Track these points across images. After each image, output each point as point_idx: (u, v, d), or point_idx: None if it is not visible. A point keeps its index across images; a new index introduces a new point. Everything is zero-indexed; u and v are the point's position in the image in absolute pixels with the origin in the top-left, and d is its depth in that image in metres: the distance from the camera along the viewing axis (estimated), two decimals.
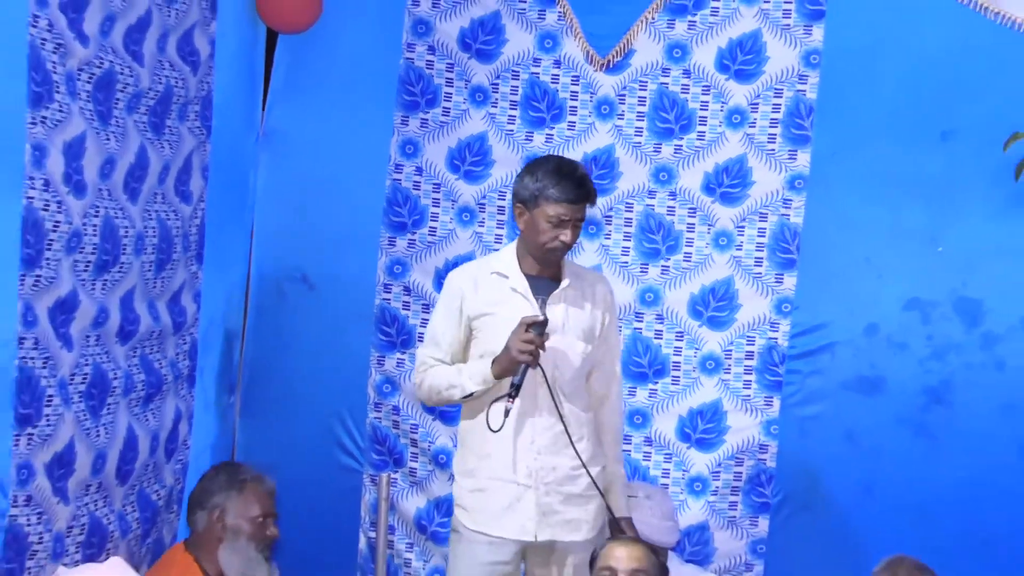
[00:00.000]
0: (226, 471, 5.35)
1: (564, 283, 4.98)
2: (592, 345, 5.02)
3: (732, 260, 6.10)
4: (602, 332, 5.06)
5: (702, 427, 6.14)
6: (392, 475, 6.32)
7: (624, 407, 5.15)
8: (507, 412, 4.79)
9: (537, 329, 4.76)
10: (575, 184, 4.87)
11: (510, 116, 6.23)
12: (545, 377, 4.86)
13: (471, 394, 4.90)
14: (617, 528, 5.04)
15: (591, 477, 4.95)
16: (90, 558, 5.05)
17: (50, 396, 4.68)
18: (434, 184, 6.28)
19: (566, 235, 4.86)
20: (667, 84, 6.12)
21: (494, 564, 4.98)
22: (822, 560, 5.99)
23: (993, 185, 5.68)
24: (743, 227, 6.09)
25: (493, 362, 4.83)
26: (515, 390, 4.76)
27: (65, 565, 4.86)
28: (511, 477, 4.97)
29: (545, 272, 4.99)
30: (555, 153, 5.95)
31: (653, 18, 6.12)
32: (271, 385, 6.42)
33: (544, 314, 4.80)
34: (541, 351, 4.76)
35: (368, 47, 6.33)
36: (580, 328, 5.00)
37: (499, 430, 4.81)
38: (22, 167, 4.45)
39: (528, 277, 4.97)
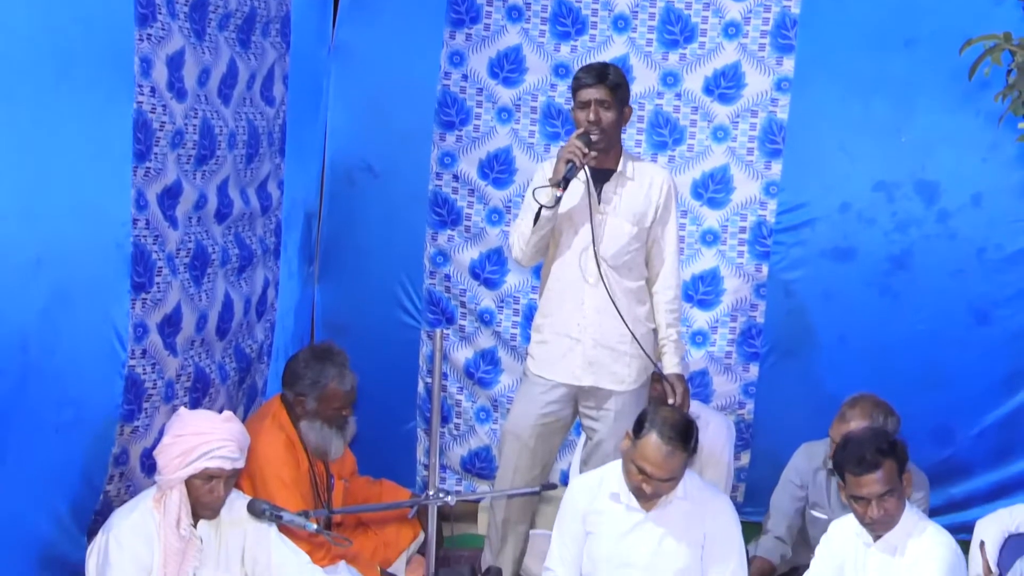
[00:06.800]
0: (315, 368, 5.10)
1: (617, 170, 4.96)
2: (640, 228, 4.97)
3: (728, 150, 6.05)
4: (656, 217, 5.01)
5: (703, 290, 6.14)
6: (444, 331, 6.34)
7: (679, 281, 5.12)
8: (558, 199, 4.75)
9: (583, 138, 4.77)
10: (586, 69, 4.93)
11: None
12: (595, 250, 4.87)
13: (540, 210, 4.80)
14: (665, 383, 5.02)
15: (634, 336, 4.94)
16: (196, 401, 5.12)
17: (160, 267, 4.73)
18: (477, 88, 6.21)
19: (589, 114, 4.84)
20: (673, 1, 6.03)
21: (547, 403, 5.07)
22: (802, 398, 6.02)
23: (949, 84, 5.60)
24: (737, 122, 6.03)
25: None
26: (564, 182, 4.72)
27: (185, 406, 4.92)
28: (566, 332, 5.02)
29: (606, 163, 4.95)
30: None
31: None
32: (343, 257, 6.42)
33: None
34: (584, 158, 4.72)
35: None
36: (631, 212, 4.96)
37: (546, 204, 4.76)
38: (132, 77, 4.46)
39: (591, 169, 4.91)
